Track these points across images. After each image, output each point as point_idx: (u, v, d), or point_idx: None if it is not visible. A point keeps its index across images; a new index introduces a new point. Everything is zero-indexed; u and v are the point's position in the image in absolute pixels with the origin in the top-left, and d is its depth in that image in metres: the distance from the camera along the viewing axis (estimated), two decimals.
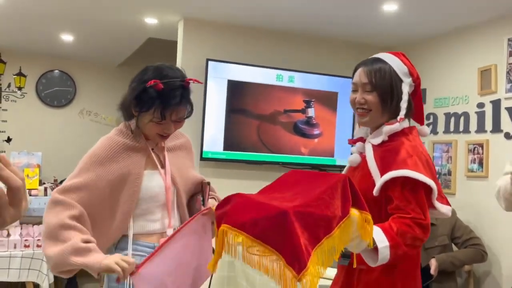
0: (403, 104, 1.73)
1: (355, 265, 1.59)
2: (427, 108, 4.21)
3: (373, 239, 1.49)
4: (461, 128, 3.90)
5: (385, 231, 1.55)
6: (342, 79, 4.40)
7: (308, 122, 4.32)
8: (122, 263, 1.51)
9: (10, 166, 0.71)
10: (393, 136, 1.72)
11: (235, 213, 1.33)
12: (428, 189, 1.64)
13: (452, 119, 3.99)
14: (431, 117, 4.17)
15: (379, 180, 1.66)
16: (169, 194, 1.83)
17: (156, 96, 1.68)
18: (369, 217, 1.43)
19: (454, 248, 3.53)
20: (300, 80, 4.29)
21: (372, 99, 1.74)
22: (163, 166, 1.86)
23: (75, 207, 1.63)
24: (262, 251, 1.26)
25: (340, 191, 1.35)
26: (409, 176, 1.60)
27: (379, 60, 1.78)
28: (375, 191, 1.67)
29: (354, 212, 1.39)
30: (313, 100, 4.32)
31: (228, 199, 1.40)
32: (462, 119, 3.91)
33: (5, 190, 0.70)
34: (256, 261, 1.29)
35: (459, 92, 3.96)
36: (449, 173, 3.94)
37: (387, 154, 1.70)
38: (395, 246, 1.54)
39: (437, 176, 4.04)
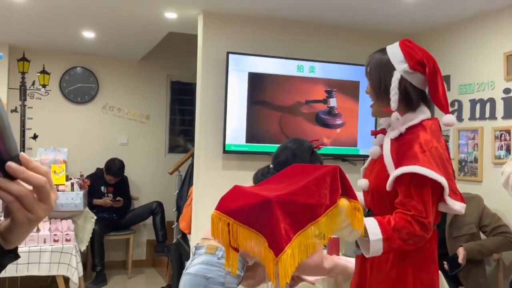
0: (391, 92, 1.72)
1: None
2: (452, 95, 4.14)
3: (366, 230, 1.54)
4: (487, 115, 3.83)
5: (381, 224, 1.57)
6: (364, 67, 4.35)
7: (330, 112, 4.30)
8: None
9: (31, 164, 0.73)
10: (410, 129, 1.70)
11: (226, 201, 1.44)
12: (439, 186, 1.61)
13: (478, 106, 3.91)
14: (456, 104, 4.10)
15: (391, 176, 1.66)
16: None
17: (318, 158, 2.15)
18: (359, 205, 1.47)
19: (482, 236, 3.48)
20: (321, 70, 4.26)
21: (368, 89, 1.82)
22: None
23: None
24: (248, 235, 1.36)
25: (329, 180, 1.43)
26: (418, 172, 1.58)
27: (381, 50, 1.82)
28: (387, 186, 1.67)
29: (342, 201, 1.44)
30: (334, 90, 4.29)
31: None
32: (488, 105, 3.83)
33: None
34: (245, 244, 1.37)
35: (484, 77, 3.88)
36: (476, 160, 3.88)
37: (402, 148, 1.68)
38: (388, 240, 1.56)
39: (463, 164, 3.98)
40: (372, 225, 1.56)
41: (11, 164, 0.70)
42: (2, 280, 4.62)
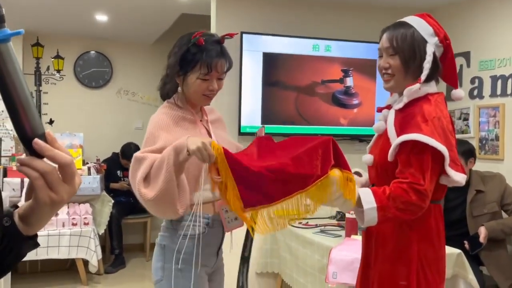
0: (426, 65, 1.71)
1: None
2: (472, 72, 4.04)
3: (360, 198, 1.57)
4: (509, 91, 3.73)
5: (375, 194, 1.60)
6: None
7: (347, 92, 4.23)
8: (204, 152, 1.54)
9: (56, 143, 0.72)
10: (415, 101, 1.72)
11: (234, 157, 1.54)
12: (440, 155, 1.62)
13: (499, 82, 3.81)
14: (476, 80, 4.01)
15: (392, 144, 1.68)
16: None
17: (199, 51, 1.77)
18: (351, 176, 1.51)
19: (504, 215, 3.42)
20: (337, 49, 4.18)
21: (395, 62, 1.75)
22: (210, 137, 1.87)
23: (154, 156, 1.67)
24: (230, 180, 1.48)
25: (321, 152, 1.46)
26: (419, 140, 1.60)
27: (402, 23, 1.79)
28: (389, 156, 1.68)
29: (334, 172, 1.47)
30: (351, 69, 4.21)
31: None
32: (509, 81, 3.73)
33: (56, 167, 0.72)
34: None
35: (505, 53, 3.78)
36: (497, 138, 3.79)
37: (405, 119, 1.70)
38: (383, 208, 1.58)
39: (484, 142, 3.90)
40: (366, 193, 1.59)
41: (38, 141, 0.70)
42: (22, 264, 4.69)
